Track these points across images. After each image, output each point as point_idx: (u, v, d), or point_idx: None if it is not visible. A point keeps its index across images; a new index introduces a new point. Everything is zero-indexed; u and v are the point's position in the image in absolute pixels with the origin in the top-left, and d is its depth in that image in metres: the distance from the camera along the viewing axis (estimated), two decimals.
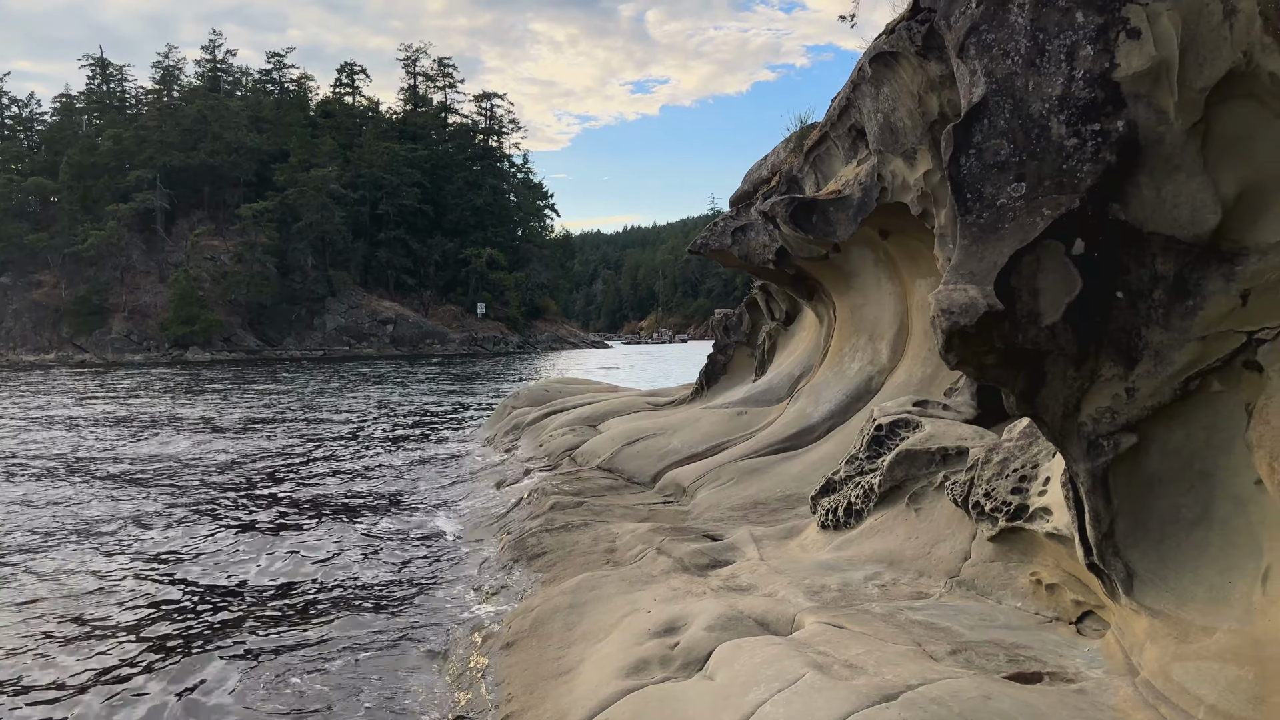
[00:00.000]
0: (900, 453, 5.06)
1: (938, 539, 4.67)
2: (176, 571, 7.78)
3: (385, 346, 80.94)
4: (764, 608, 4.21)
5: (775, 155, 10.58)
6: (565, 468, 10.82)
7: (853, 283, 8.81)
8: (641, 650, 4.10)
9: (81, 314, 76.68)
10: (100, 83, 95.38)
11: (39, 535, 9.28)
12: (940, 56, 5.77)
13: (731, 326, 12.96)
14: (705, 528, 6.82)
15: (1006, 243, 3.20)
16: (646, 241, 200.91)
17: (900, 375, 8.09)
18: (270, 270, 79.07)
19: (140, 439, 17.97)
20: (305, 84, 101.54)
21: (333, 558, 8.16)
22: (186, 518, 10.04)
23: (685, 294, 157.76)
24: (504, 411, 18.13)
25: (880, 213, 7.37)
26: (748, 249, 9.50)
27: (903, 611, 4.07)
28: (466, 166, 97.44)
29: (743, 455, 8.68)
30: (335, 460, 14.57)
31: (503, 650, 5.04)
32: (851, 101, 7.33)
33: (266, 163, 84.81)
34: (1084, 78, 3.19)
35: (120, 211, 78.45)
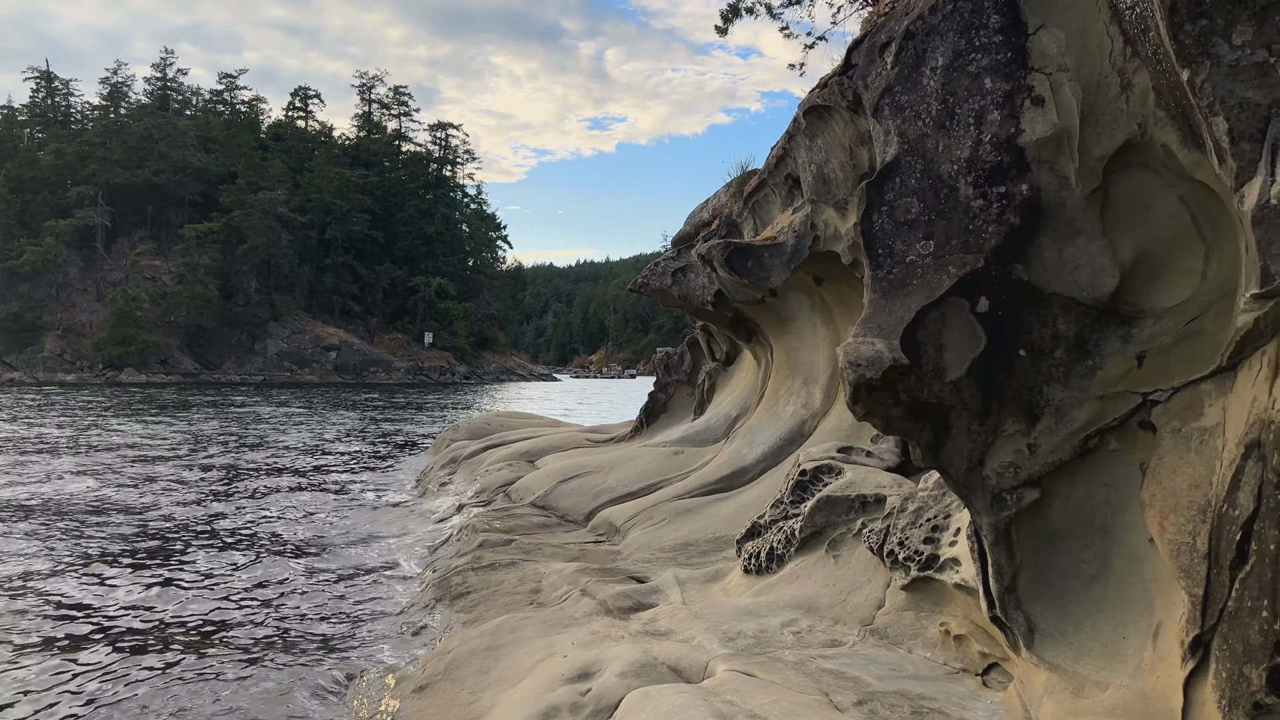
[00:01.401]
0: (821, 499, 5.10)
1: (854, 586, 4.70)
2: (79, 604, 7.48)
3: (328, 373, 79.61)
4: (678, 654, 4.19)
5: (717, 199, 10.72)
6: (499, 504, 10.70)
7: (789, 327, 8.92)
8: (553, 697, 4.04)
9: (13, 331, 74.15)
10: (45, 96, 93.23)
11: None
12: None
13: (673, 365, 13.02)
14: (633, 569, 6.78)
15: (914, 298, 3.27)
16: (599, 276, 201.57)
17: (832, 420, 8.18)
18: (212, 292, 77.51)
19: (49, 465, 17.37)
20: (257, 106, 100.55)
21: (246, 594, 7.92)
22: (94, 554, 9.69)
23: (636, 329, 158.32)
24: (442, 444, 17.91)
25: (814, 260, 7.50)
26: (687, 290, 9.58)
27: (815, 660, 4.08)
28: (419, 195, 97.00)
29: (676, 495, 8.67)
30: (258, 491, 14.21)
31: (415, 694, 4.93)
32: (788, 151, 7.47)
33: (214, 184, 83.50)
34: (991, 141, 3.30)
35: (59, 228, 76.38)
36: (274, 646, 6.41)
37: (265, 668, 5.88)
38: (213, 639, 6.58)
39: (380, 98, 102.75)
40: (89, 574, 8.55)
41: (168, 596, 7.78)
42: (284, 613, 7.30)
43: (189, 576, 8.46)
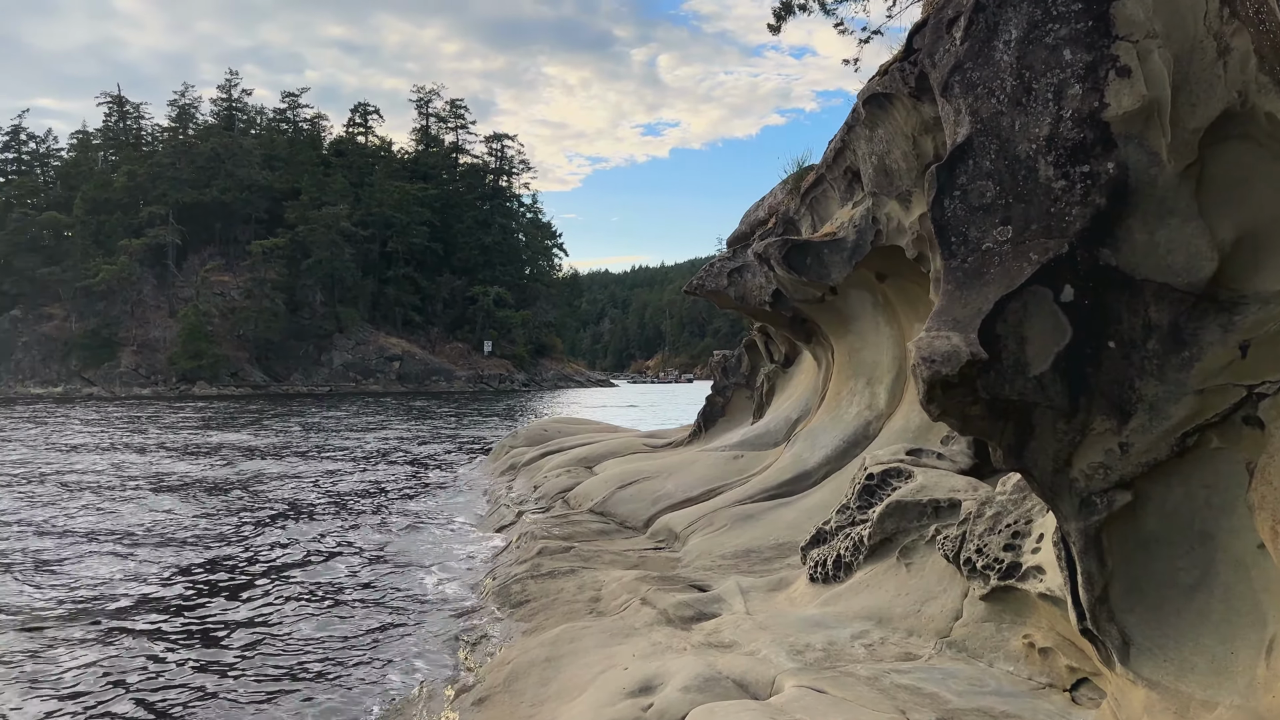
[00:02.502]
0: (891, 504, 4.87)
1: (928, 596, 4.46)
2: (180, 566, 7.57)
3: (391, 383, 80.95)
4: (744, 668, 4.00)
5: (773, 197, 10.50)
6: (558, 511, 10.61)
7: (850, 325, 8.66)
8: (614, 711, 3.89)
9: (91, 347, 76.97)
10: (117, 120, 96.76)
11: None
12: (933, 98, 5.67)
13: (730, 368, 12.80)
14: (694, 577, 6.61)
15: (992, 288, 3.05)
16: (654, 281, 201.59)
17: (898, 421, 7.90)
18: (279, 306, 79.44)
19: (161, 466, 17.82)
20: (319, 123, 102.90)
21: (311, 598, 7.94)
22: (184, 544, 9.85)
23: (692, 334, 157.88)
24: (501, 451, 17.94)
25: (876, 255, 7.24)
26: (744, 290, 9.37)
27: (889, 674, 3.86)
28: (476, 206, 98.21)
29: (737, 501, 8.47)
30: (327, 495, 14.37)
31: (474, 706, 4.83)
32: (846, 143, 7.24)
33: (278, 200, 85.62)
34: (1072, 117, 3.06)
35: (132, 246, 79.08)
36: (336, 651, 6.37)
37: (326, 680, 5.84)
38: (264, 648, 6.57)
39: (437, 111, 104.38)
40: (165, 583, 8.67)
41: (222, 592, 7.83)
42: (346, 616, 7.29)
43: (252, 572, 8.53)
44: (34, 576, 8.94)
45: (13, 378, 77.76)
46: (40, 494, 14.93)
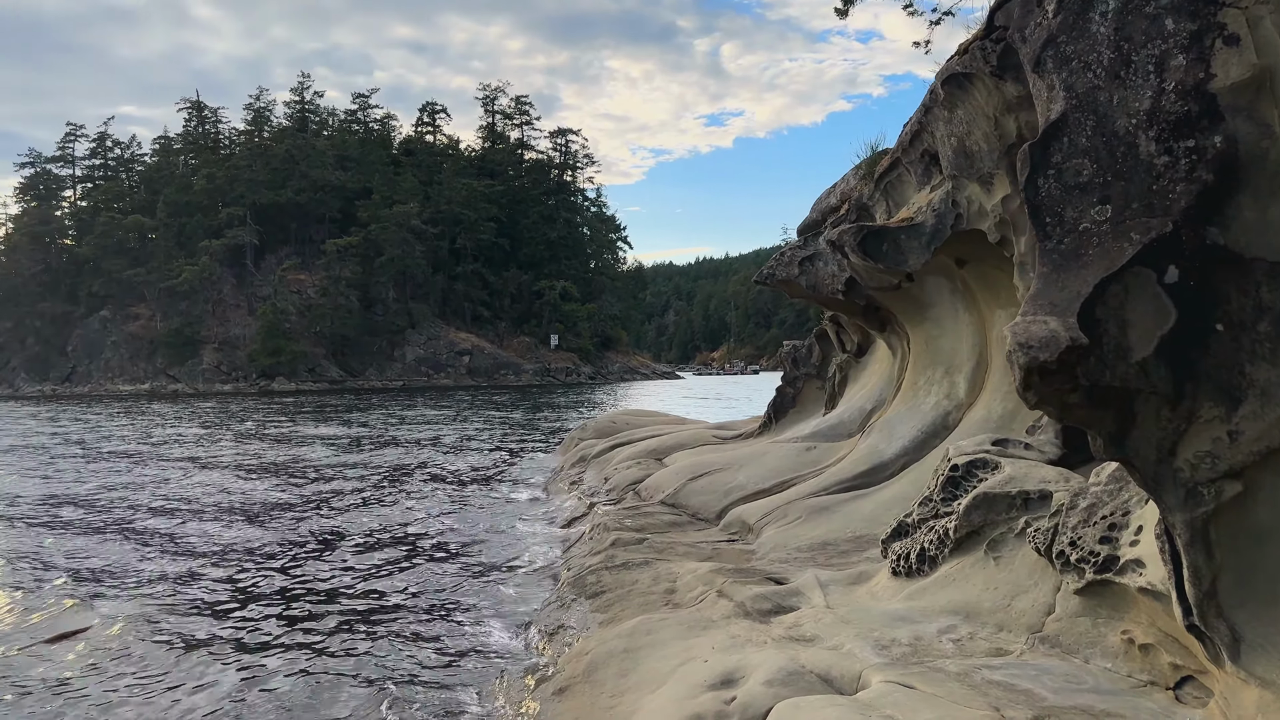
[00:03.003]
0: (978, 495, 4.73)
1: (1019, 590, 4.33)
2: (254, 573, 7.82)
3: (462, 377, 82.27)
4: (828, 662, 3.94)
5: (845, 183, 10.31)
6: (629, 502, 10.62)
7: (928, 313, 8.46)
8: (696, 704, 3.86)
9: (175, 345, 79.94)
10: (196, 125, 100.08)
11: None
12: (1017, 76, 5.49)
13: (800, 358, 12.65)
14: (770, 569, 6.54)
15: (1091, 270, 2.93)
16: (719, 272, 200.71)
17: (979, 411, 7.70)
18: (353, 303, 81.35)
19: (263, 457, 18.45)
20: (389, 123, 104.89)
21: (386, 581, 8.10)
22: (281, 520, 10.16)
23: (758, 325, 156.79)
24: (571, 443, 18.06)
25: (955, 240, 7.05)
26: (815, 279, 9.23)
27: (979, 670, 3.75)
28: (541, 201, 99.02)
29: (811, 493, 8.36)
30: (402, 488, 14.66)
31: (554, 696, 4.85)
32: (924, 125, 7.06)
33: (351, 199, 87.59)
34: (1175, 90, 2.92)
35: (213, 247, 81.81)
36: (415, 641, 6.49)
37: (404, 669, 5.93)
38: (344, 636, 6.72)
39: (503, 108, 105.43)
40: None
41: (308, 580, 8.03)
42: (427, 605, 7.42)
43: (341, 564, 8.73)
44: (168, 544, 10.30)
45: (103, 375, 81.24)
46: (161, 474, 15.59)
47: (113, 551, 10.05)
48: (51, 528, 11.59)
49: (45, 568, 9.23)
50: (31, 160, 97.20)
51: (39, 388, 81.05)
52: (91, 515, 12.61)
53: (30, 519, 12.35)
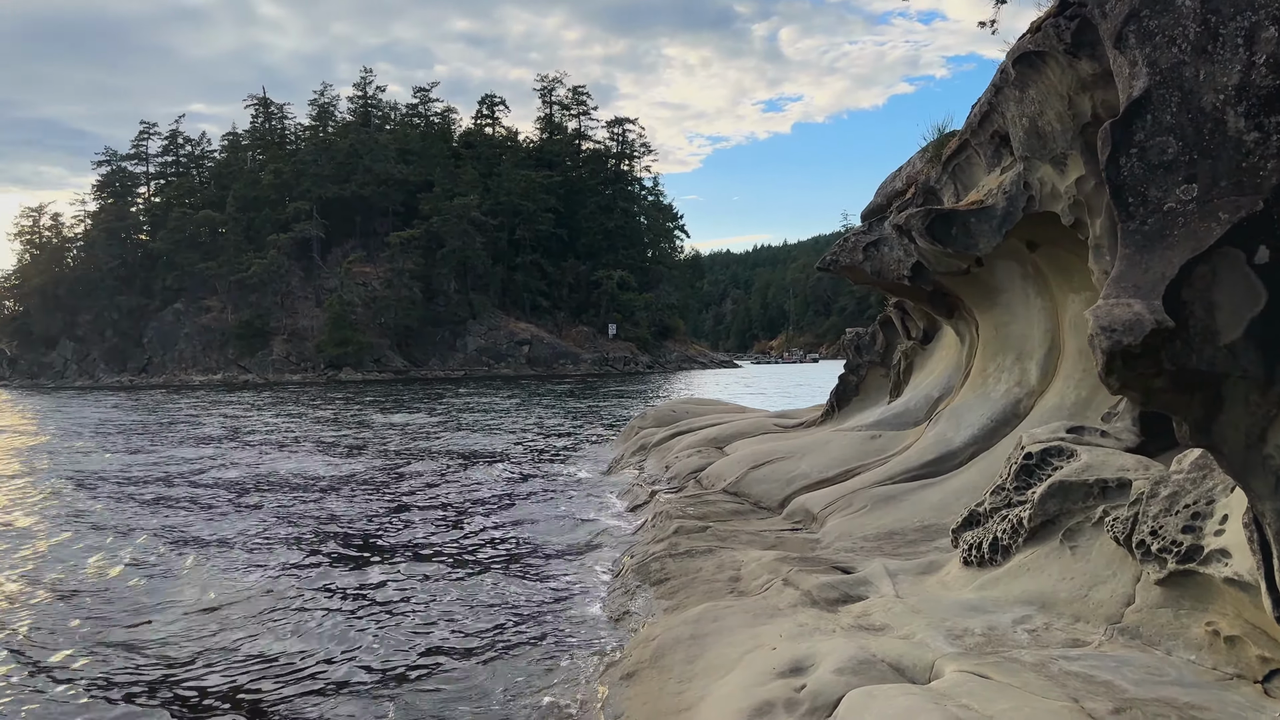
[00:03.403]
0: (1053, 484, 4.64)
1: (1096, 580, 4.23)
2: (345, 553, 8.05)
3: (521, 367, 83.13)
4: (899, 651, 3.90)
5: (911, 166, 10.13)
6: (690, 490, 10.64)
7: (997, 299, 8.28)
8: (765, 691, 3.87)
9: (245, 337, 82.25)
10: (263, 121, 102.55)
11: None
12: (1092, 54, 5.33)
13: (864, 346, 12.50)
14: (835, 558, 6.50)
15: (1176, 251, 2.84)
16: (777, 260, 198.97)
17: (1051, 398, 7.53)
18: (416, 294, 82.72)
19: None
20: (449, 116, 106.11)
21: (456, 565, 8.25)
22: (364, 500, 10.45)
23: (817, 312, 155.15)
24: (631, 432, 18.13)
25: (1027, 223, 6.89)
26: (881, 264, 9.10)
27: (1056, 661, 3.68)
28: (599, 191, 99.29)
29: (876, 481, 8.27)
30: (468, 473, 14.89)
31: (623, 680, 4.90)
32: (994, 106, 6.90)
33: (413, 192, 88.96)
34: (1267, 63, 2.80)
35: (280, 241, 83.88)
36: (483, 630, 6.60)
37: (474, 658, 6.04)
38: (443, 605, 6.86)
39: (560, 99, 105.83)
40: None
41: (376, 576, 8.22)
42: (493, 594, 7.53)
43: (409, 552, 8.93)
44: (280, 511, 11.36)
45: (177, 366, 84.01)
46: (264, 455, 16.16)
47: (251, 523, 11.12)
48: (214, 505, 12.07)
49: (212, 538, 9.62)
50: (108, 158, 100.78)
51: (117, 378, 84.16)
52: (227, 493, 13.19)
53: (198, 496, 12.89)
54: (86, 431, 26.93)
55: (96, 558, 9.15)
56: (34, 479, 15.69)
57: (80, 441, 23.45)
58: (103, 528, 10.85)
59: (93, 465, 17.79)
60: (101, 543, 9.88)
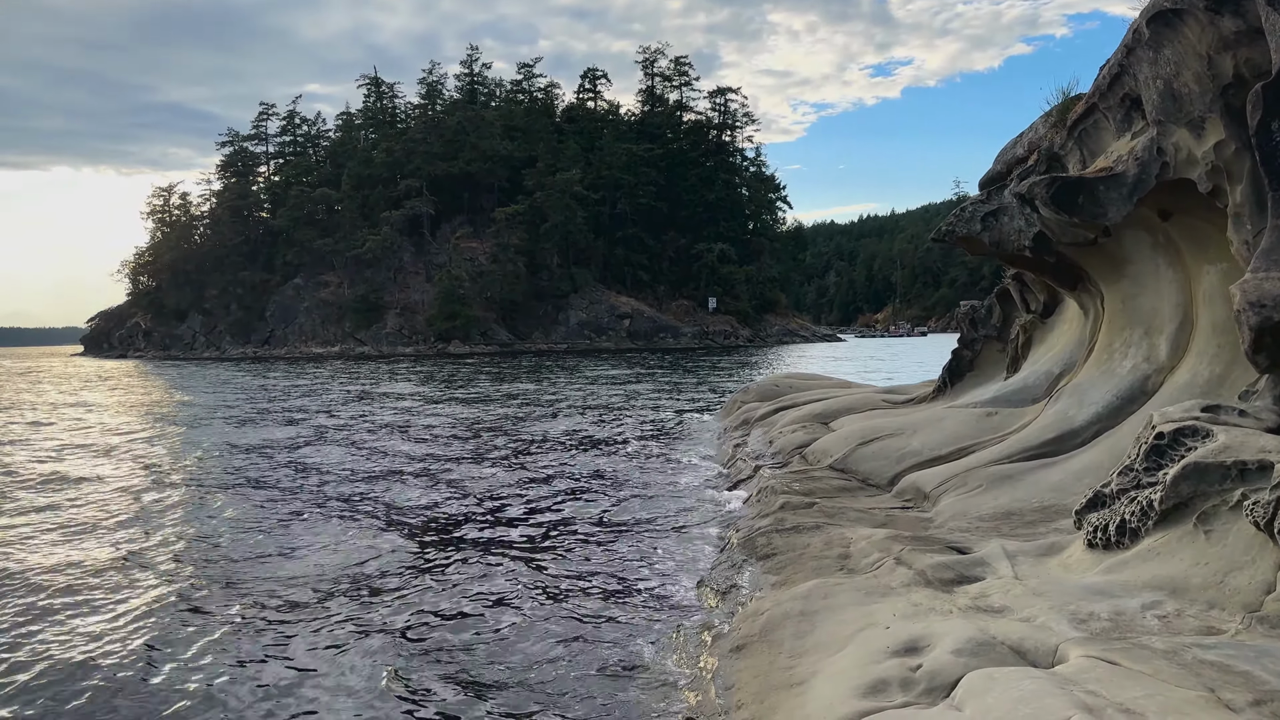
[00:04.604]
0: (1187, 465, 4.42)
1: (1233, 566, 4.03)
2: (455, 519, 8.38)
3: (622, 340, 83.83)
4: (1020, 634, 3.82)
5: (1033, 131, 9.70)
6: (795, 466, 10.57)
7: (1125, 270, 7.89)
8: (879, 669, 3.84)
9: (361, 311, 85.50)
10: (375, 100, 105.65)
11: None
12: (1235, 10, 4.99)
13: (979, 319, 12.11)
14: (950, 538, 6.36)
15: None
16: (883, 230, 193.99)
17: (1183, 375, 7.15)
18: (521, 269, 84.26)
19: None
20: (552, 91, 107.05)
21: (565, 533, 8.46)
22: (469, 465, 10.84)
23: (925, 284, 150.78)
24: (734, 406, 18.09)
25: (1160, 191, 6.53)
26: (1000, 235, 8.77)
27: (1189, 649, 3.54)
28: (700, 163, 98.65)
29: (993, 460, 8.04)
30: (577, 442, 15.18)
31: (732, 653, 4.94)
32: (1125, 68, 6.53)
33: (518, 168, 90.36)
34: None
35: (392, 218, 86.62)
36: (589, 592, 6.75)
37: (588, 623, 6.18)
38: (554, 573, 7.06)
39: (662, 70, 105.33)
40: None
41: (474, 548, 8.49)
42: (601, 557, 7.70)
43: (520, 512, 9.20)
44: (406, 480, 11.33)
45: (297, 339, 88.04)
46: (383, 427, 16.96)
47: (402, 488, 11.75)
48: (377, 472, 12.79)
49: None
50: (230, 139, 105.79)
51: (241, 350, 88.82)
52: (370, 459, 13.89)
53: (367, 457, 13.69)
54: (265, 399, 28.54)
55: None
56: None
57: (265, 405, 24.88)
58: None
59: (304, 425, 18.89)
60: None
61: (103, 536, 9.03)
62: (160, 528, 9.47)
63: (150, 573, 7.60)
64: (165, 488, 12.09)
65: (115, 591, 7.02)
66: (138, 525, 9.59)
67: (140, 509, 10.50)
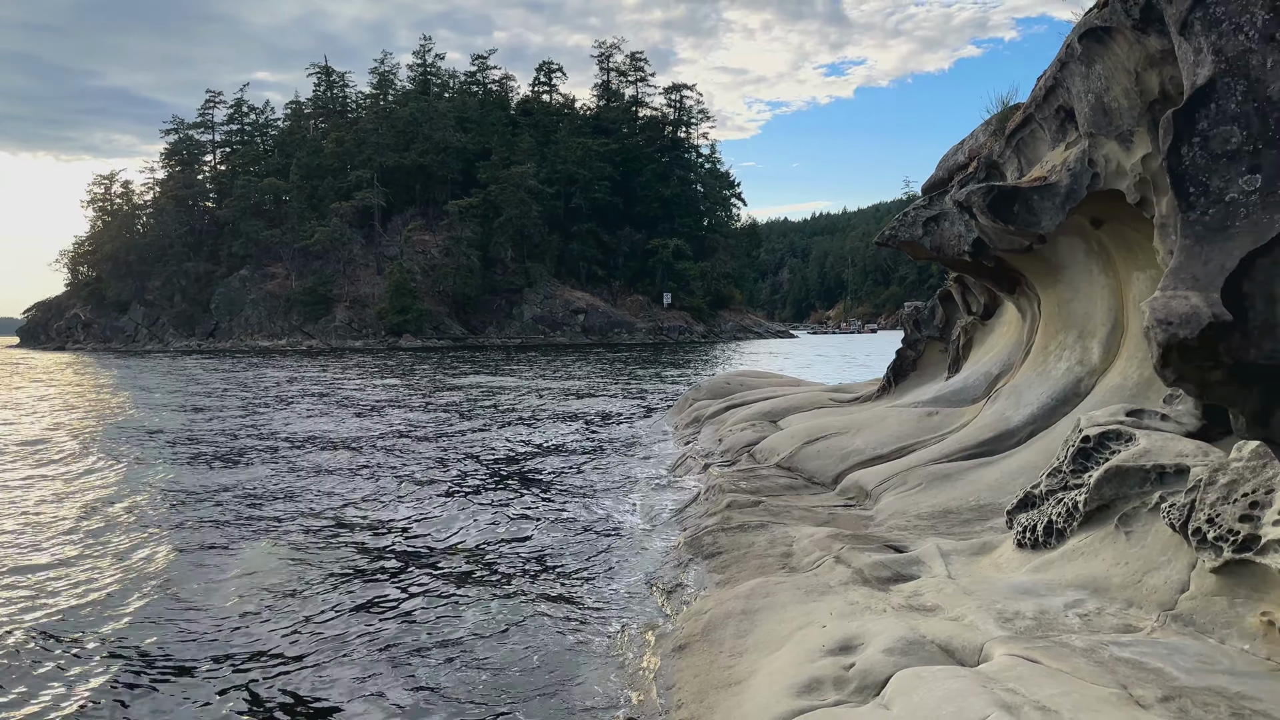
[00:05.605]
0: (1110, 469, 4.61)
1: (1150, 566, 4.22)
2: (399, 521, 8.35)
3: (577, 335, 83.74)
4: (949, 633, 3.96)
5: (973, 139, 9.94)
6: (744, 464, 10.71)
7: (1060, 275, 8.14)
8: (815, 668, 3.96)
9: (309, 303, 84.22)
10: (325, 89, 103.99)
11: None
12: (1161, 30, 5.19)
13: (923, 320, 12.37)
14: (889, 536, 6.53)
15: (1237, 243, 2.81)
16: (835, 228, 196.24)
17: (1113, 378, 7.41)
18: (474, 263, 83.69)
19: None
20: (506, 84, 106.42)
21: (509, 533, 8.48)
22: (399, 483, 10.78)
23: (876, 282, 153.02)
24: (685, 403, 18.22)
25: (1092, 201, 6.76)
26: (941, 240, 8.99)
27: (1107, 647, 3.70)
28: (655, 158, 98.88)
29: (932, 459, 8.25)
30: (522, 441, 15.18)
31: (674, 652, 5.03)
32: (1059, 80, 6.75)
33: (471, 161, 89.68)
34: None
35: (342, 209, 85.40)
36: (537, 598, 6.79)
37: (525, 625, 6.22)
38: (498, 572, 7.09)
39: (618, 65, 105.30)
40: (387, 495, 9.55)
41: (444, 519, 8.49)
42: (544, 565, 7.74)
43: (479, 515, 9.19)
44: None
45: (243, 332, 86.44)
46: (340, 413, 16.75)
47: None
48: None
49: None
50: (175, 127, 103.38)
51: (185, 342, 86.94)
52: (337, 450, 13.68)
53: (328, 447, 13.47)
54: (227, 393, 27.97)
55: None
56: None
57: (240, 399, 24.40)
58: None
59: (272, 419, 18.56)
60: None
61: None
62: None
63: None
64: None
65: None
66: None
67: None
